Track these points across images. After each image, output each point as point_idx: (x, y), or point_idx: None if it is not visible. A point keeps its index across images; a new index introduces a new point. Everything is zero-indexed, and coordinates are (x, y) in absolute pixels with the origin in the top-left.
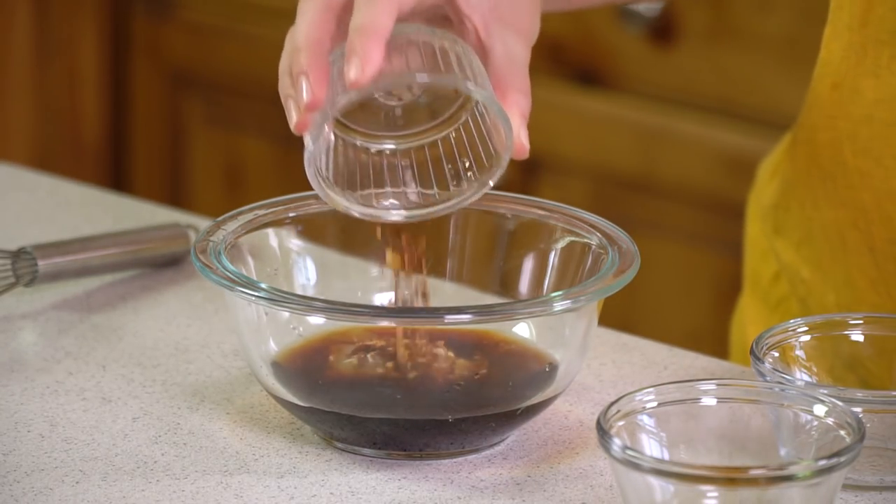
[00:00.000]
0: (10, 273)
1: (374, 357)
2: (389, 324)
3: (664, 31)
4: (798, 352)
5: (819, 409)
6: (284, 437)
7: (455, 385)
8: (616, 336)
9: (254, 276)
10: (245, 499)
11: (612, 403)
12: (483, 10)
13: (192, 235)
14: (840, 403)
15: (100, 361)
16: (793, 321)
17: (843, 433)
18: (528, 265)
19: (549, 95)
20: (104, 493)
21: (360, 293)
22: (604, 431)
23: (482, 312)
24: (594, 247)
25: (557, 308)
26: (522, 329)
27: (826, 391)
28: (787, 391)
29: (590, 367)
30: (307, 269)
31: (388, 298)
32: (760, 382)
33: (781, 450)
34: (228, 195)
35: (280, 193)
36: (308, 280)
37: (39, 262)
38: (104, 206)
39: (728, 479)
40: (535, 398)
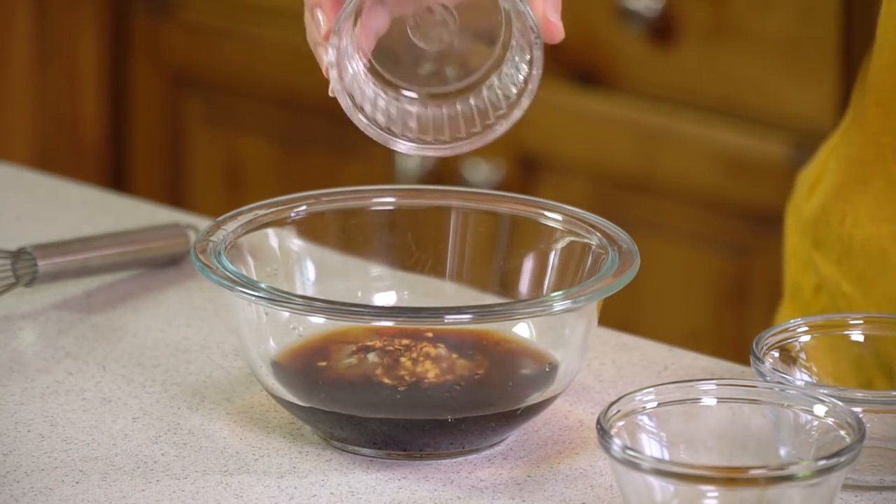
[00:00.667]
0: (10, 273)
1: (374, 357)
2: (389, 324)
3: (664, 31)
4: (798, 352)
5: (819, 409)
6: (284, 437)
7: (455, 385)
8: (616, 336)
9: (254, 276)
10: (245, 499)
11: (612, 403)
12: None
13: (192, 235)
14: (840, 403)
15: (100, 361)
16: (793, 321)
17: (843, 433)
18: (528, 265)
19: (549, 95)
20: (104, 493)
21: (360, 293)
22: (604, 431)
23: (482, 312)
24: (594, 247)
25: (557, 308)
26: (522, 329)
27: (826, 391)
28: (787, 391)
29: (590, 367)
30: (307, 269)
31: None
32: (760, 382)
33: (781, 450)
34: (228, 195)
35: (280, 193)
36: (308, 280)
37: (39, 262)
38: (104, 206)
39: (728, 479)
40: (535, 398)
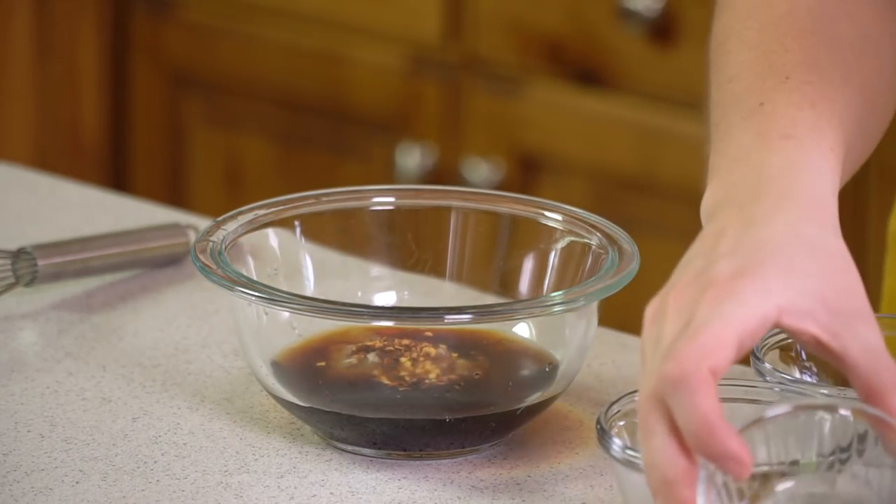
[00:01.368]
0: (10, 273)
1: (374, 357)
2: (389, 324)
3: (664, 31)
4: (798, 352)
5: None
6: (284, 437)
7: (455, 385)
8: (616, 336)
9: (254, 276)
10: (245, 499)
11: (612, 403)
12: (815, 315)
13: (192, 235)
14: None
15: (100, 361)
16: None
17: None
18: (528, 265)
19: (549, 95)
20: (104, 493)
21: (360, 293)
22: (604, 431)
23: (482, 312)
24: (594, 247)
25: (557, 308)
26: (522, 329)
27: (826, 391)
28: (787, 391)
29: (590, 367)
30: (307, 269)
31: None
32: (760, 382)
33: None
34: (228, 195)
35: (280, 193)
36: (308, 280)
37: (39, 262)
38: (104, 206)
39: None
40: (535, 398)
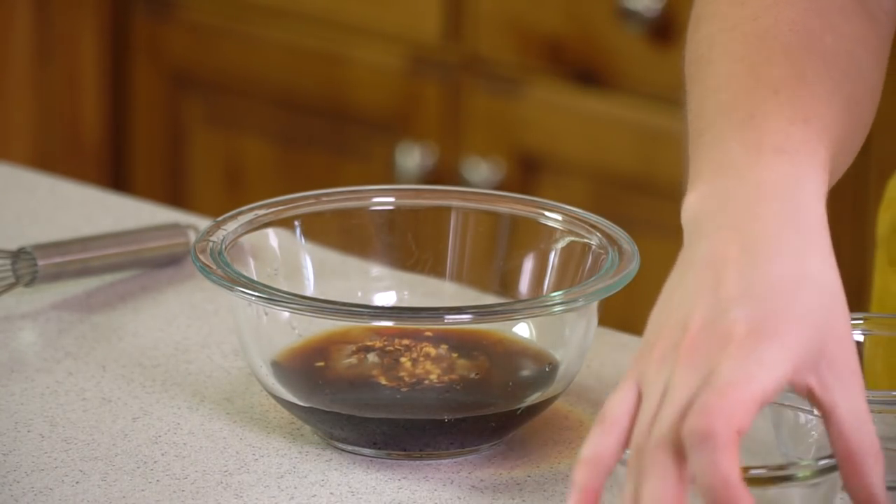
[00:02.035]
0: (10, 273)
1: (374, 357)
2: (389, 324)
3: (664, 31)
4: None
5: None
6: (284, 437)
7: (455, 385)
8: (616, 336)
9: (254, 276)
10: (245, 499)
11: None
12: (817, 369)
13: (192, 235)
14: None
15: (100, 361)
16: None
17: None
18: (528, 265)
19: (549, 95)
20: (104, 493)
21: (360, 293)
22: None
23: (482, 312)
24: (594, 247)
25: (557, 308)
26: (522, 329)
27: None
28: (787, 391)
29: (590, 367)
30: (307, 269)
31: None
32: None
33: (781, 450)
34: (228, 195)
35: (280, 193)
36: (308, 280)
37: (39, 262)
38: (104, 206)
39: None
40: (535, 398)
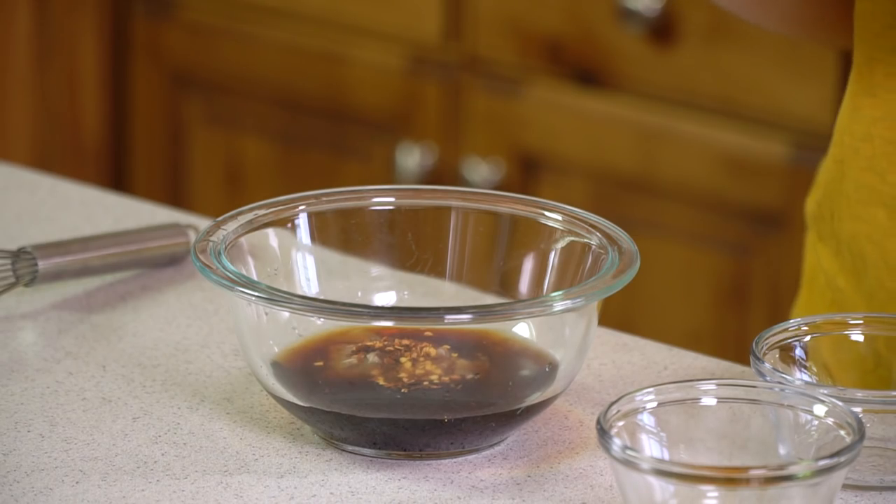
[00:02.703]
0: (10, 273)
1: (374, 357)
2: (389, 324)
3: (664, 31)
4: (798, 352)
5: (819, 409)
6: (284, 437)
7: (455, 385)
8: (616, 336)
9: (254, 276)
10: (245, 499)
11: (612, 403)
12: None
13: (192, 235)
14: (840, 403)
15: (100, 361)
16: (793, 321)
17: (843, 433)
18: (528, 265)
19: (549, 95)
20: (104, 493)
21: (360, 293)
22: (604, 431)
23: (482, 312)
24: (594, 247)
25: (557, 308)
26: (522, 329)
27: (826, 391)
28: (787, 391)
29: (590, 367)
30: (307, 269)
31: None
32: (760, 382)
33: (781, 450)
34: (228, 195)
35: (280, 193)
36: (308, 280)
37: (39, 262)
38: (104, 206)
39: (728, 479)
40: (535, 398)
